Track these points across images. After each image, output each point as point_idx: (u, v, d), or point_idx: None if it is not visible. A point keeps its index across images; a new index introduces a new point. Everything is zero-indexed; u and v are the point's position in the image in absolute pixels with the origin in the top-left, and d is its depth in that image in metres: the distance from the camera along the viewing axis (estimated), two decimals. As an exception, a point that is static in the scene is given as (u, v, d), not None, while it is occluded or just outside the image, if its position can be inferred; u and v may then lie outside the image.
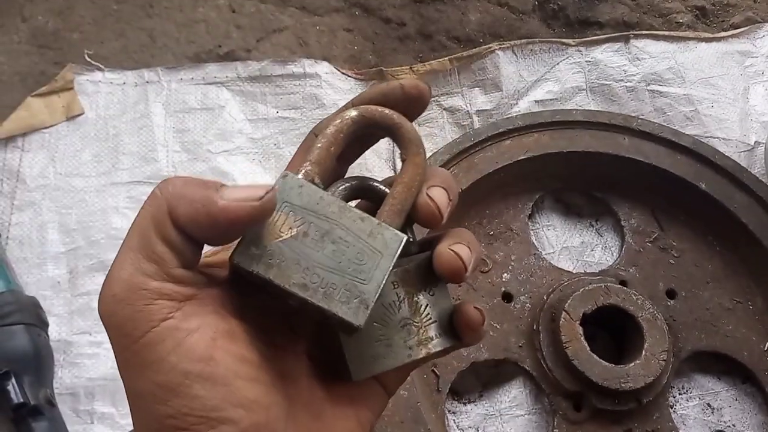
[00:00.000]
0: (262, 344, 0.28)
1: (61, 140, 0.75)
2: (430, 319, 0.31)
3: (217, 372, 0.25)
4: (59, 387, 0.64)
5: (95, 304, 0.70)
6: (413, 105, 0.32)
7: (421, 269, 0.31)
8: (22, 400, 0.58)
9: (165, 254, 0.26)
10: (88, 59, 0.80)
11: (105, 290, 0.26)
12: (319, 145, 0.30)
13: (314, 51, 0.83)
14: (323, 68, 0.79)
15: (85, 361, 0.65)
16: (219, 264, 0.30)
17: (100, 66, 0.80)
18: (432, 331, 0.31)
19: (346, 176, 0.32)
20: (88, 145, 0.75)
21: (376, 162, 0.76)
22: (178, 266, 0.26)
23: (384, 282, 0.28)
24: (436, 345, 0.31)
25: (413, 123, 0.32)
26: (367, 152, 0.76)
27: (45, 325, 0.65)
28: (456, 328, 0.31)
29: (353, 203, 0.30)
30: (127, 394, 0.26)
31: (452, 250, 0.30)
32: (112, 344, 0.26)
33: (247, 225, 0.26)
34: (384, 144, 0.78)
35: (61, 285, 0.69)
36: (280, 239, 0.27)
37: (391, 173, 0.76)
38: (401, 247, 0.28)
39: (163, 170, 0.74)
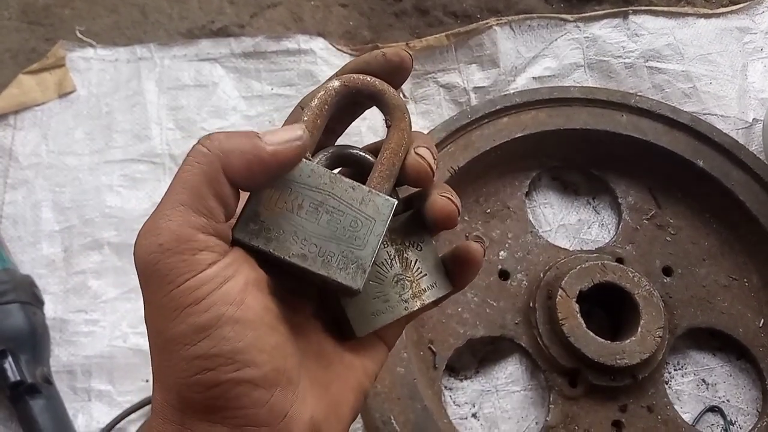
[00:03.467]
0: (279, 298, 0.30)
1: (54, 118, 0.75)
2: (421, 272, 0.32)
3: (246, 316, 0.27)
4: (56, 365, 0.64)
5: (91, 283, 0.71)
6: (396, 72, 0.32)
7: (407, 226, 0.32)
8: (19, 378, 0.58)
9: (215, 209, 0.27)
10: (80, 36, 0.79)
11: (149, 239, 0.27)
12: (304, 118, 0.30)
13: (309, 27, 0.82)
14: (318, 44, 0.78)
15: (81, 339, 0.65)
16: None
17: (92, 42, 0.79)
18: (424, 284, 0.32)
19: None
20: (81, 122, 0.75)
21: (372, 138, 0.75)
22: (224, 221, 0.28)
23: (378, 246, 0.29)
24: (429, 296, 0.32)
25: (400, 91, 0.33)
26: (363, 128, 0.76)
27: (40, 303, 0.65)
28: (455, 269, 0.33)
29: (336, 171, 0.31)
30: (154, 343, 0.27)
31: (444, 197, 0.31)
32: (147, 291, 0.27)
33: (294, 164, 0.28)
34: (380, 122, 0.77)
35: (56, 263, 0.68)
36: (277, 213, 0.28)
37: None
38: (392, 212, 0.30)
39: (156, 148, 0.73)
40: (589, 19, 0.79)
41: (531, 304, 0.64)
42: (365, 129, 0.75)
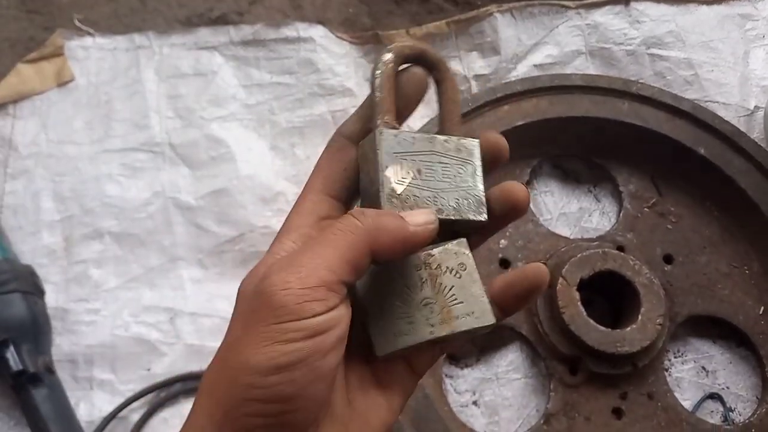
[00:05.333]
0: None
1: (53, 107, 0.74)
2: (455, 299, 0.32)
3: (322, 369, 0.28)
4: (57, 354, 0.64)
5: (91, 272, 0.71)
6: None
7: (449, 253, 0.33)
8: (21, 367, 0.59)
9: (349, 276, 0.29)
10: (78, 24, 0.78)
11: (281, 276, 0.28)
12: (378, 94, 0.33)
13: (308, 14, 0.82)
14: (318, 32, 0.78)
15: (82, 328, 0.65)
16: None
17: (90, 31, 0.78)
18: (457, 311, 0.32)
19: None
20: (80, 111, 0.74)
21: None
22: (347, 284, 0.29)
23: (482, 178, 0.34)
24: (461, 324, 0.31)
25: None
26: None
27: (41, 292, 0.65)
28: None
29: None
30: (227, 360, 0.29)
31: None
32: (246, 315, 0.29)
33: (427, 243, 0.31)
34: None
35: (56, 253, 0.68)
36: (408, 184, 0.31)
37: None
38: (479, 149, 0.34)
39: (156, 137, 0.73)
40: (591, 5, 0.79)
41: (532, 293, 0.64)
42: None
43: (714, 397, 0.65)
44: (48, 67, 0.76)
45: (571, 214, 0.72)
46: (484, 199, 0.33)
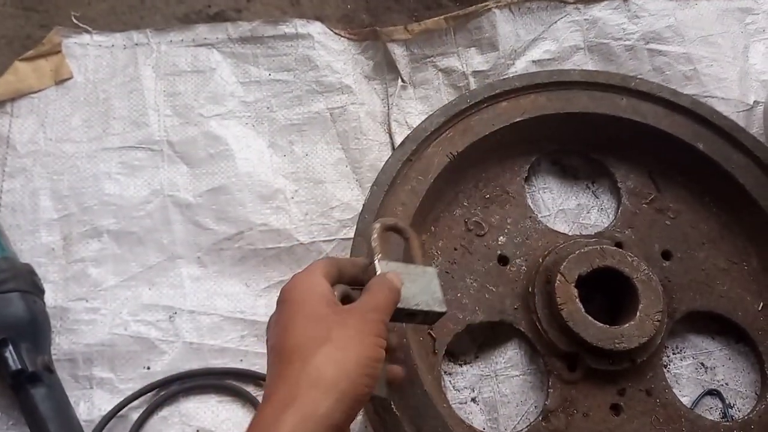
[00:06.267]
0: None
1: (51, 105, 0.74)
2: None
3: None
4: (57, 353, 0.64)
5: (90, 271, 0.71)
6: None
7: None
8: (20, 366, 0.59)
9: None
10: (76, 21, 0.78)
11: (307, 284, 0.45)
12: (375, 244, 0.50)
13: (306, 11, 0.81)
14: (316, 28, 0.78)
15: (82, 327, 0.66)
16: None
17: (88, 28, 0.78)
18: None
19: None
20: (78, 109, 0.74)
21: (372, 125, 0.75)
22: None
23: (440, 287, 0.51)
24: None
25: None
26: (362, 114, 0.76)
27: (40, 291, 0.65)
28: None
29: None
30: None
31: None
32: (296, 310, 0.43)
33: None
34: (379, 107, 0.77)
35: (55, 252, 0.68)
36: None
37: (386, 135, 0.75)
38: (436, 271, 0.52)
39: (154, 135, 0.73)
40: (590, 0, 0.79)
41: (530, 289, 0.64)
42: (364, 115, 0.75)
43: (713, 393, 0.65)
44: (45, 65, 0.76)
45: (569, 210, 0.72)
46: (443, 299, 0.50)
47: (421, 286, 0.49)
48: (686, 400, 0.64)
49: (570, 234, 0.69)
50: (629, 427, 0.61)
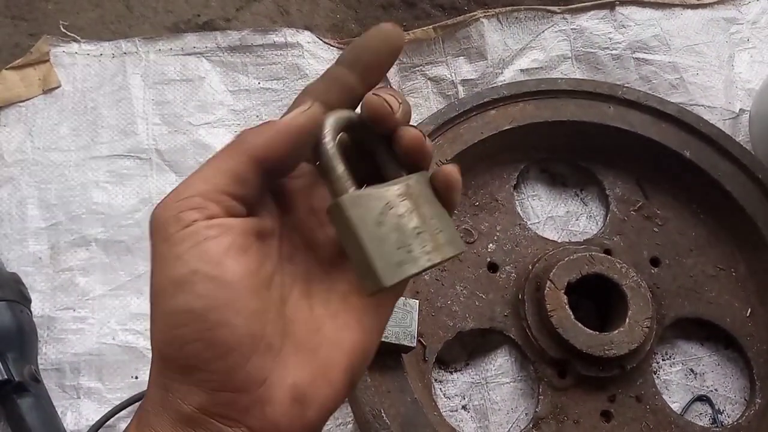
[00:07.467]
0: (271, 266, 0.31)
1: (38, 114, 0.74)
2: (438, 228, 0.33)
3: (223, 276, 0.27)
4: (44, 363, 0.63)
5: (78, 280, 0.70)
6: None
7: (420, 184, 0.33)
8: (6, 377, 0.58)
9: (224, 185, 0.29)
10: (64, 30, 0.78)
11: (161, 200, 0.29)
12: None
13: (295, 20, 0.82)
14: (305, 38, 0.78)
15: (69, 336, 0.65)
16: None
17: (76, 37, 0.78)
18: (442, 239, 0.33)
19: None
20: (66, 118, 0.74)
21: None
22: (233, 195, 0.29)
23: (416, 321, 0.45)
24: (447, 252, 0.32)
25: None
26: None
27: (27, 301, 0.64)
28: (440, 192, 0.33)
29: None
30: (150, 296, 0.29)
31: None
32: (151, 246, 0.29)
33: (308, 130, 0.30)
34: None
35: (42, 261, 0.68)
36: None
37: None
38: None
39: (143, 143, 0.73)
40: (577, 10, 0.79)
41: (520, 296, 0.64)
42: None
43: (702, 399, 0.65)
44: (33, 74, 0.75)
45: (558, 217, 0.72)
46: (415, 334, 0.47)
47: (397, 319, 0.47)
48: (676, 407, 0.64)
49: (559, 241, 0.69)
50: (619, 433, 0.61)
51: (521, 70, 0.77)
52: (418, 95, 0.77)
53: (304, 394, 0.29)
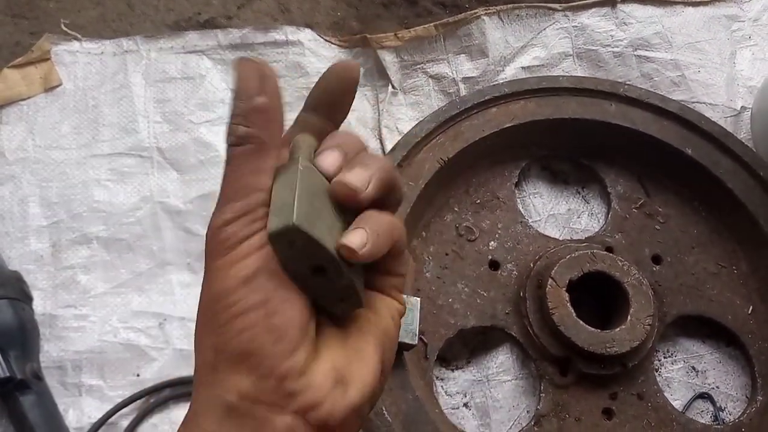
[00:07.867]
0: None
1: (40, 112, 0.74)
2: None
3: (280, 275, 0.30)
4: (46, 361, 0.64)
5: (79, 278, 0.71)
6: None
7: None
8: (8, 374, 0.58)
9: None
10: (65, 29, 0.78)
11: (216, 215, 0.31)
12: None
13: (296, 18, 0.82)
14: (306, 35, 0.78)
15: (71, 334, 0.65)
16: None
17: (78, 35, 0.78)
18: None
19: None
20: (67, 116, 0.74)
21: (362, 131, 0.75)
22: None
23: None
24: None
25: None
26: (353, 120, 0.76)
27: (29, 299, 0.65)
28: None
29: None
30: (202, 307, 0.32)
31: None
32: (209, 258, 0.31)
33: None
34: (369, 113, 0.77)
35: (44, 259, 0.68)
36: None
37: (377, 141, 0.75)
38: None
39: (144, 141, 0.73)
40: (578, 8, 0.79)
41: (521, 294, 0.64)
42: (355, 121, 0.75)
43: (704, 396, 0.65)
44: (35, 72, 0.75)
45: (560, 215, 0.72)
46: (416, 332, 0.50)
47: None
48: (677, 404, 0.64)
49: (560, 239, 0.69)
50: (621, 431, 0.61)
51: (522, 68, 0.77)
52: (420, 93, 0.77)
53: (344, 375, 0.31)
